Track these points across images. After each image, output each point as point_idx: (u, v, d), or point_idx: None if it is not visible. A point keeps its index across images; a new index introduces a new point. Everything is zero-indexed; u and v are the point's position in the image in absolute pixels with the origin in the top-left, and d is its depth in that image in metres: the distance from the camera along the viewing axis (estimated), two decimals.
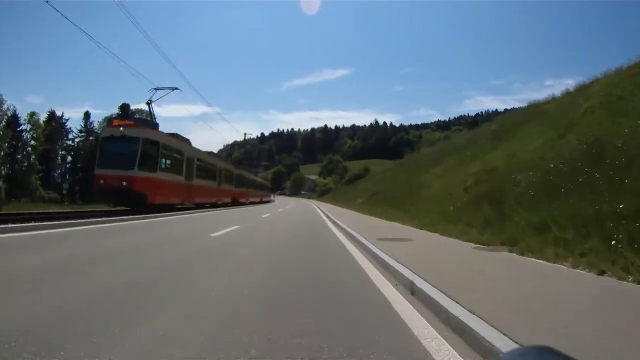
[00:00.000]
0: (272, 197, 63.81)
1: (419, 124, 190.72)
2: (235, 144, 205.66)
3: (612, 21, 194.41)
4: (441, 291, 3.02)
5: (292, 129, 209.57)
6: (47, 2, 11.69)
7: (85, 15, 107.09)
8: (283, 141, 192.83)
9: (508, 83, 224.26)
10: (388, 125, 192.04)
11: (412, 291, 3.45)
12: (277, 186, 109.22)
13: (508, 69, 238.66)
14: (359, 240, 7.39)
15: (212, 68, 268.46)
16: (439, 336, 2.35)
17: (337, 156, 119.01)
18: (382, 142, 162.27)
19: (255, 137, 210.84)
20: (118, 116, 65.23)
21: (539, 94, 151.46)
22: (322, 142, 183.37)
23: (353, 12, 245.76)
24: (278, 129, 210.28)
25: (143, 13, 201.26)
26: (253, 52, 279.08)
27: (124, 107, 66.25)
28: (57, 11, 12.80)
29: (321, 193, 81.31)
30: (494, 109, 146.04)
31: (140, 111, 63.85)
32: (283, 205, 35.26)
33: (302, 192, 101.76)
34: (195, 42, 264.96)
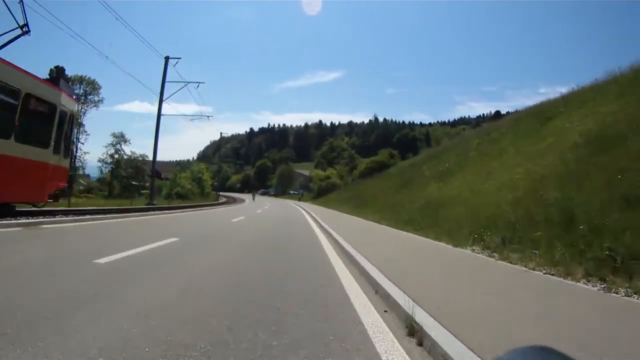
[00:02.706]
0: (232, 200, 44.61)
1: (424, 123, 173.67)
2: (222, 139, 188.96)
3: (606, 28, 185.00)
4: None
5: (284, 124, 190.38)
6: None
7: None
8: (274, 137, 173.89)
9: (500, 90, 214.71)
10: (389, 121, 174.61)
11: None
12: (261, 184, 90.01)
13: (501, 76, 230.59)
14: None
15: (203, 67, 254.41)
16: None
17: (340, 141, 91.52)
18: (384, 139, 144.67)
19: (243, 132, 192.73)
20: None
21: (531, 101, 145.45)
22: (317, 138, 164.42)
23: (346, 15, 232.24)
24: (269, 124, 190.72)
25: (134, 11, 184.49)
26: (245, 53, 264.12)
27: (57, 72, 46.68)
28: None
29: (319, 192, 53.69)
30: (497, 111, 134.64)
31: (80, 78, 45.10)
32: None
33: (291, 192, 74.43)
34: (186, 40, 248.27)
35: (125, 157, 38.62)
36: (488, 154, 13.78)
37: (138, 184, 38.50)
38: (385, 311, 3.10)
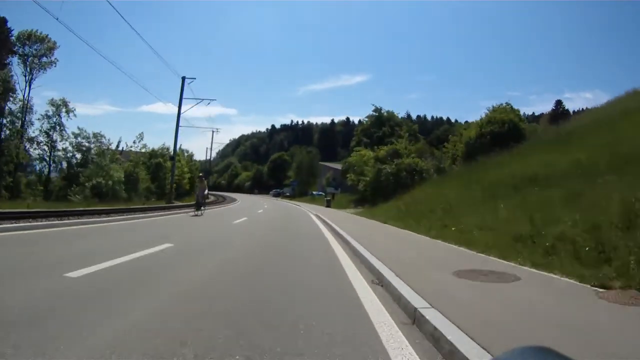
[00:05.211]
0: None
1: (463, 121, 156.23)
2: (242, 137, 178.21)
3: (632, 36, 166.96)
4: None
5: (309, 121, 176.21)
6: None
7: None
8: (297, 134, 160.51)
9: (525, 95, 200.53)
10: (423, 118, 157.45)
11: None
12: (276, 183, 75.35)
13: (525, 80, 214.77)
14: None
15: (227, 69, 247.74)
16: None
17: (392, 112, 47.29)
18: (420, 135, 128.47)
19: (265, 130, 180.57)
20: None
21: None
22: (344, 136, 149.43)
23: (373, 18, 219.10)
24: (291, 121, 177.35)
25: (157, 16, 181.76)
26: (271, 56, 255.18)
27: None
28: None
29: (376, 189, 25.39)
30: (558, 100, 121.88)
31: (29, 35, 32.86)
32: None
33: (315, 193, 52.50)
34: (209, 43, 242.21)
35: (72, 136, 26.09)
36: None
37: (86, 176, 25.62)
38: None
